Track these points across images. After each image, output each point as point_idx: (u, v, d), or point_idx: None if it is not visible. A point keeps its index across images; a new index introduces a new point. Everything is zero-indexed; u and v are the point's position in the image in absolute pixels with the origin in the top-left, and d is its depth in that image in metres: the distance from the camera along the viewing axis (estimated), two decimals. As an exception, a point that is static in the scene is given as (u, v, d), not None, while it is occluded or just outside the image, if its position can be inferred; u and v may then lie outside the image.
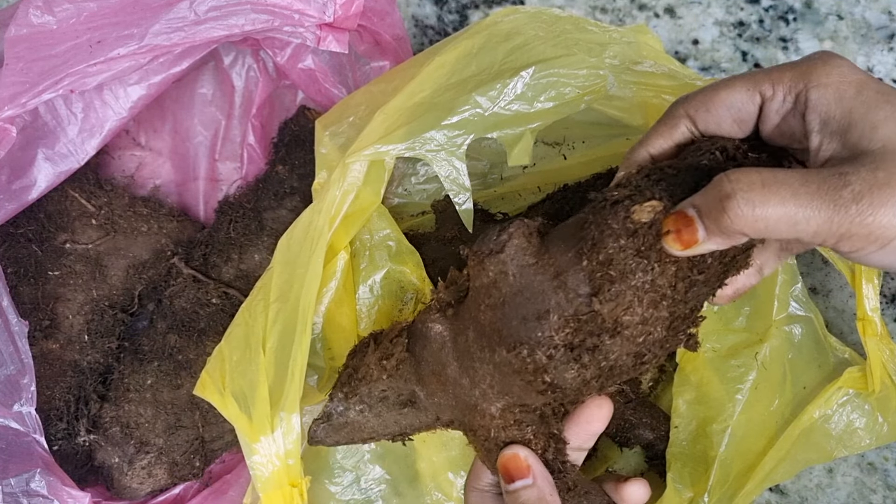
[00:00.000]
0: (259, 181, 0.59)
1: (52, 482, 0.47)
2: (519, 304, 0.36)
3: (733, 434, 0.51)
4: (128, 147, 0.62)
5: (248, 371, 0.41)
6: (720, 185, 0.31)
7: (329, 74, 0.55)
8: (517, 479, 0.39)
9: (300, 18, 0.47)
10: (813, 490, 0.59)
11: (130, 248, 0.58)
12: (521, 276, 0.37)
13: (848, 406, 0.50)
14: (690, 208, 0.33)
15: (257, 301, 0.44)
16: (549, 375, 0.36)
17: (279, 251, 0.44)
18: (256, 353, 0.42)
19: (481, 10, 0.61)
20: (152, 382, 0.54)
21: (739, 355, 0.53)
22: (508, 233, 0.37)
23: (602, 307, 0.34)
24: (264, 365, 0.41)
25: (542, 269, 0.36)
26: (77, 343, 0.56)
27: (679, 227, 0.33)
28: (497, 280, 0.37)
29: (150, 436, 0.54)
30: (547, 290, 0.36)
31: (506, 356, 0.37)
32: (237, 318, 0.44)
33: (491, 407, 0.39)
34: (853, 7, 0.57)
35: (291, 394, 0.40)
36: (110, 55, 0.45)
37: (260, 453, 0.40)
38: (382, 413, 0.42)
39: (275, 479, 0.39)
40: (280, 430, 0.40)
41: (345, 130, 0.47)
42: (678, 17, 0.59)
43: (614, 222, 0.34)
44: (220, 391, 0.41)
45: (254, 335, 0.42)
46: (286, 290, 0.43)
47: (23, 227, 0.55)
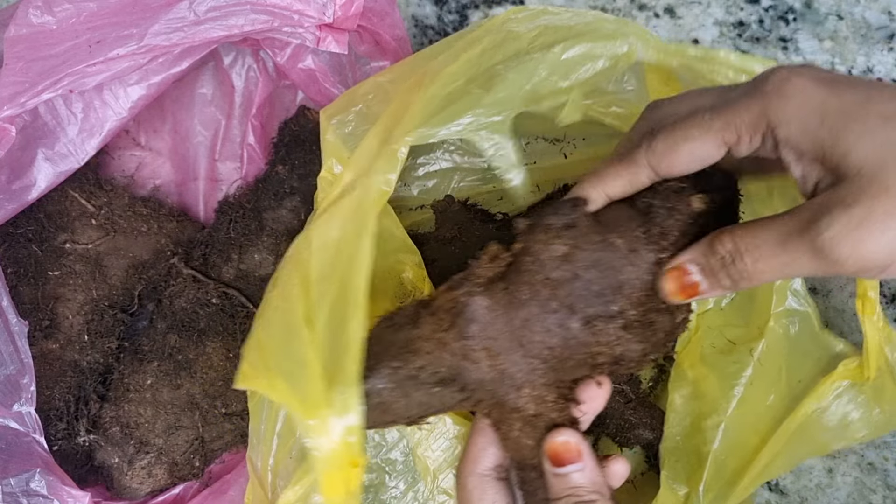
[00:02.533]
0: (259, 181, 0.59)
1: (52, 482, 0.47)
2: (593, 278, 0.37)
3: (727, 429, 0.51)
4: (128, 147, 0.62)
5: (295, 351, 0.39)
6: (715, 248, 0.35)
7: (329, 74, 0.55)
8: (568, 463, 0.39)
9: (300, 19, 0.47)
10: (813, 490, 0.59)
11: (130, 248, 0.58)
12: (592, 251, 0.38)
13: (843, 398, 0.50)
14: (692, 265, 0.36)
15: (291, 286, 0.42)
16: (620, 348, 0.38)
17: (315, 238, 0.43)
18: (301, 333, 0.39)
19: (481, 10, 0.61)
20: (152, 382, 0.54)
21: (736, 351, 0.53)
22: (580, 208, 0.39)
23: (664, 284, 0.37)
24: (314, 342, 0.39)
25: (609, 246, 0.38)
26: (77, 343, 0.56)
27: (682, 283, 0.36)
28: (570, 253, 0.38)
29: (149, 436, 0.54)
30: (621, 266, 0.37)
31: (578, 329, 0.37)
32: (270, 304, 0.43)
33: (539, 381, 0.39)
34: (853, 7, 0.57)
35: (350, 368, 0.37)
36: (110, 55, 0.45)
37: (317, 432, 0.36)
38: (411, 392, 0.39)
39: (335, 459, 0.36)
40: (338, 406, 0.37)
41: (352, 119, 0.47)
42: (678, 17, 0.59)
43: (680, 206, 0.37)
44: (266, 375, 0.39)
45: (294, 316, 0.40)
46: (329, 272, 0.41)
47: (23, 227, 0.55)
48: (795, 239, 0.32)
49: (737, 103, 0.34)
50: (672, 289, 0.36)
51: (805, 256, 0.32)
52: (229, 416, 0.56)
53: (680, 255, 0.37)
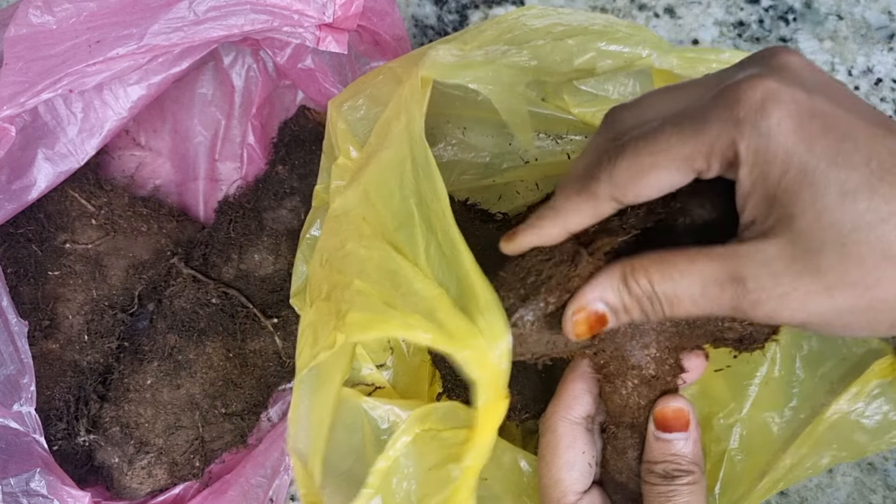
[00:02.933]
0: (259, 181, 0.59)
1: (51, 482, 0.47)
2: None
3: (743, 430, 0.51)
4: (128, 147, 0.62)
5: (417, 290, 0.36)
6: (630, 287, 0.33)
7: (329, 74, 0.55)
8: (677, 430, 0.39)
9: (300, 19, 0.47)
10: (813, 490, 0.59)
11: (130, 248, 0.58)
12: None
13: (881, 398, 0.48)
14: (600, 304, 0.34)
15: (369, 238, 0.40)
16: (752, 327, 0.38)
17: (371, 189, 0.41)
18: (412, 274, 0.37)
19: (481, 10, 0.61)
20: (152, 382, 0.54)
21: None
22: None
23: None
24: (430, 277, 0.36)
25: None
26: (77, 343, 0.56)
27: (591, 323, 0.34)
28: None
29: (149, 436, 0.54)
30: None
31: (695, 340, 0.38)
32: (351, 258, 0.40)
33: (665, 343, 0.39)
34: (853, 7, 0.57)
35: (483, 296, 0.35)
36: (109, 55, 0.45)
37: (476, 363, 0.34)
38: (544, 330, 0.38)
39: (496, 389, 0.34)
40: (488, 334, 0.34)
41: (362, 104, 0.47)
42: (678, 17, 0.59)
43: None
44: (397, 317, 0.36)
45: (394, 260, 0.38)
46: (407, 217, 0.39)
47: (23, 227, 0.55)
48: (717, 289, 0.31)
49: (707, 127, 0.31)
50: (581, 331, 0.34)
51: (725, 308, 0.31)
52: (229, 416, 0.56)
53: (587, 292, 0.34)
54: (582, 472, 0.40)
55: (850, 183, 0.28)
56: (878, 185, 0.28)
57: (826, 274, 0.29)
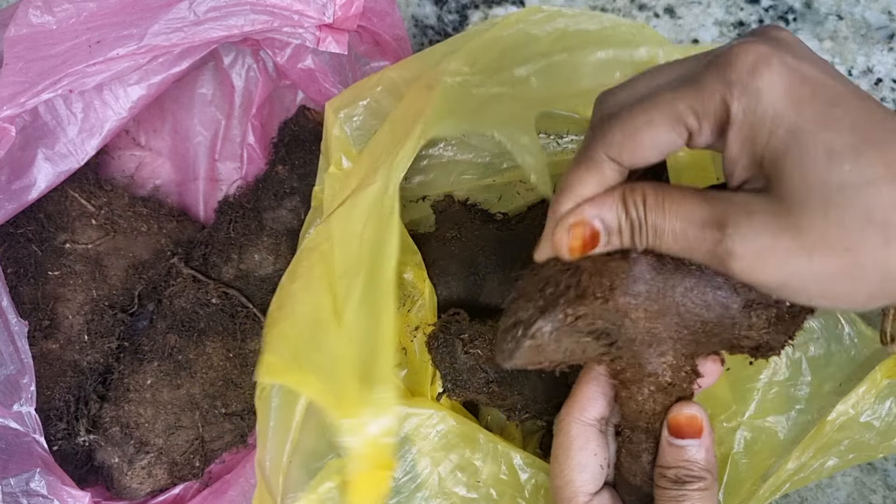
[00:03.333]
0: (259, 181, 0.59)
1: (51, 482, 0.47)
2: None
3: (747, 432, 0.50)
4: (128, 147, 0.62)
5: (325, 345, 0.38)
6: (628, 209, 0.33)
7: (329, 74, 0.55)
8: (689, 437, 0.39)
9: (300, 19, 0.47)
10: (813, 490, 0.59)
11: (130, 248, 0.58)
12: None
13: (889, 399, 0.48)
14: (597, 220, 0.34)
15: (314, 278, 0.41)
16: (767, 336, 0.38)
17: (337, 230, 0.41)
18: (330, 327, 0.38)
19: (481, 10, 0.61)
20: (152, 382, 0.54)
21: None
22: None
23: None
24: (345, 337, 0.37)
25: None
26: (77, 343, 0.56)
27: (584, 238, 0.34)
28: None
29: (150, 436, 0.54)
30: None
31: (737, 310, 0.37)
32: (293, 298, 0.41)
33: (682, 350, 0.39)
34: (853, 7, 0.57)
35: (384, 366, 0.36)
36: (109, 55, 0.45)
37: (352, 432, 0.35)
38: (563, 338, 0.38)
39: (369, 460, 0.35)
40: (374, 405, 0.35)
41: (360, 114, 0.47)
42: (678, 17, 0.59)
43: None
44: (295, 369, 0.37)
45: (322, 310, 0.39)
46: (355, 266, 0.40)
47: (23, 227, 0.55)
48: (698, 231, 0.31)
49: (701, 84, 0.31)
50: (575, 245, 0.34)
51: (702, 252, 0.32)
52: (229, 416, 0.56)
53: (586, 207, 0.34)
54: (594, 473, 0.40)
55: (837, 145, 0.29)
56: (863, 149, 0.29)
57: (807, 233, 0.29)
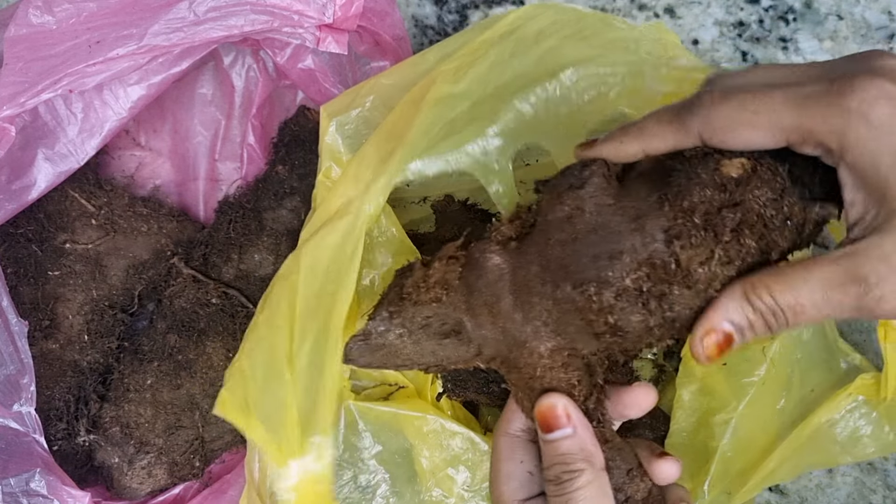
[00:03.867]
0: (259, 181, 0.59)
1: (51, 482, 0.47)
2: (592, 242, 0.36)
3: (737, 427, 0.50)
4: (128, 147, 0.63)
5: (275, 391, 0.39)
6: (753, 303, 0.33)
7: (329, 74, 0.55)
8: (555, 428, 0.37)
9: (300, 19, 0.47)
10: (813, 490, 0.59)
11: (130, 248, 0.58)
12: (597, 214, 0.37)
13: (856, 412, 0.49)
14: (727, 324, 0.33)
15: (280, 314, 0.41)
16: (613, 317, 0.36)
17: (304, 263, 0.42)
18: (282, 373, 0.39)
19: (481, 10, 0.61)
20: (152, 382, 0.54)
21: (748, 349, 0.52)
22: (590, 169, 0.37)
23: (681, 254, 0.34)
24: (294, 385, 0.39)
25: (619, 210, 0.36)
26: (77, 343, 0.56)
27: (720, 345, 0.34)
28: (572, 215, 0.37)
29: (150, 436, 0.54)
30: (623, 232, 0.36)
31: (570, 292, 0.36)
32: (257, 331, 0.42)
33: (541, 346, 0.38)
34: (853, 7, 0.57)
35: (324, 417, 0.38)
36: (109, 55, 0.45)
37: (288, 478, 0.37)
38: (422, 341, 0.39)
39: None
40: (311, 454, 0.37)
41: (352, 122, 0.47)
42: (678, 17, 0.59)
43: (703, 172, 0.35)
44: (245, 411, 0.39)
45: (278, 352, 0.40)
46: (314, 307, 0.41)
47: (23, 227, 0.55)
48: (839, 292, 0.31)
49: (813, 106, 0.31)
50: (712, 353, 0.34)
51: (848, 309, 0.31)
52: (229, 416, 0.56)
53: (712, 315, 0.34)
54: (522, 481, 0.40)
55: None
56: None
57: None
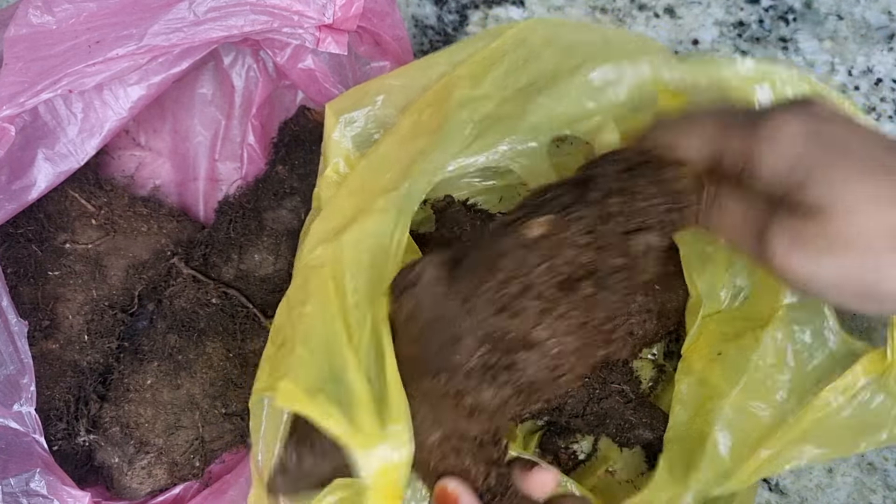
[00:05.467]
0: (259, 181, 0.59)
1: (51, 482, 0.47)
2: (435, 332, 0.38)
3: (730, 412, 0.50)
4: (128, 147, 0.63)
5: (342, 376, 0.39)
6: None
7: (329, 74, 0.55)
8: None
9: (299, 20, 0.47)
10: (813, 490, 0.59)
11: (130, 248, 0.58)
12: (434, 307, 0.38)
13: (866, 393, 0.48)
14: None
15: (329, 304, 0.41)
16: (469, 398, 0.37)
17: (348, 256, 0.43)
18: (347, 358, 0.39)
19: (481, 10, 0.61)
20: (152, 382, 0.54)
21: (743, 336, 0.52)
22: (420, 266, 0.39)
23: (511, 324, 0.36)
24: (359, 373, 0.39)
25: (452, 296, 0.38)
26: (77, 343, 0.56)
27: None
28: (414, 313, 0.39)
29: (150, 436, 0.54)
30: (458, 316, 0.37)
31: (430, 384, 0.38)
32: (305, 317, 0.42)
33: (428, 439, 0.39)
34: (853, 7, 0.57)
35: (397, 405, 0.38)
36: (109, 55, 0.45)
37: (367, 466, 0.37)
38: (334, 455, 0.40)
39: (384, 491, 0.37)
40: (390, 441, 0.37)
41: (360, 121, 0.47)
42: (678, 17, 0.59)
43: (507, 243, 0.36)
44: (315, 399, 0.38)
45: (338, 338, 0.40)
46: (364, 298, 0.41)
47: (23, 227, 0.55)
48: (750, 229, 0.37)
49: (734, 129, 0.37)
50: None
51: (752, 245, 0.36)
52: (229, 416, 0.56)
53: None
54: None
55: (846, 173, 0.34)
56: (867, 176, 0.34)
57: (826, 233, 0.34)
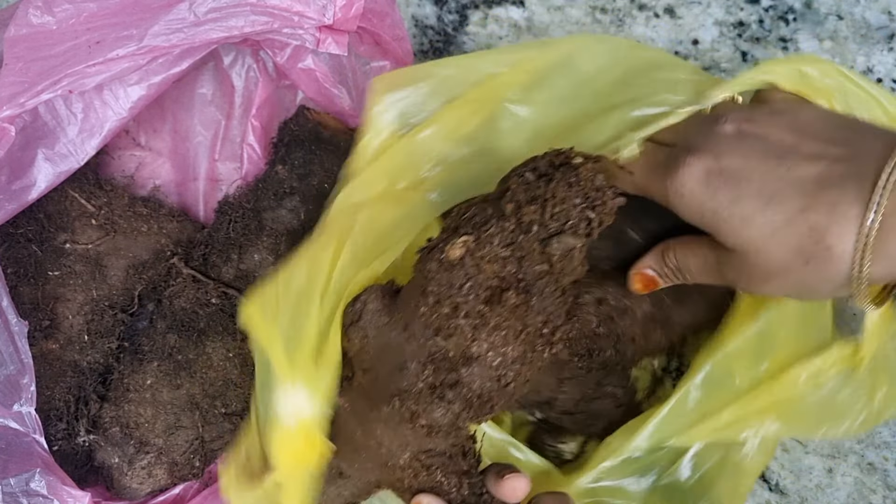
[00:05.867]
0: (259, 181, 0.59)
1: (51, 482, 0.47)
2: (383, 361, 0.40)
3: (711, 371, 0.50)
4: (128, 147, 0.63)
5: (303, 318, 0.41)
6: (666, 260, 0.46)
7: (329, 74, 0.55)
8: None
9: (300, 20, 0.47)
10: (813, 490, 0.59)
11: (130, 248, 0.58)
12: (379, 336, 0.40)
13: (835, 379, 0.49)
14: (649, 270, 0.47)
15: (326, 250, 0.44)
16: (422, 419, 0.39)
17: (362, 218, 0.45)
18: (312, 305, 0.42)
19: (481, 10, 0.61)
20: (152, 382, 0.54)
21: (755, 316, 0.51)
22: (362, 301, 0.41)
23: (448, 344, 0.38)
24: (319, 321, 0.41)
25: (394, 325, 0.40)
26: (77, 343, 0.56)
27: (645, 281, 0.47)
28: (363, 345, 0.41)
29: (149, 436, 0.54)
30: (401, 343, 0.39)
31: (387, 412, 0.40)
32: (308, 251, 0.44)
33: (399, 460, 0.41)
34: (853, 7, 0.57)
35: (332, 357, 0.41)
36: (109, 56, 0.45)
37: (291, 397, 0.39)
38: (324, 489, 0.43)
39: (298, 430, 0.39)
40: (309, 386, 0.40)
41: (402, 101, 0.49)
42: (678, 17, 0.59)
43: (432, 266, 0.38)
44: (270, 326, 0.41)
45: (315, 285, 0.43)
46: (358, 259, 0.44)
47: (23, 227, 0.55)
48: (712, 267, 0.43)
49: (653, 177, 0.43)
50: (639, 286, 0.48)
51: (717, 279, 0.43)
52: (229, 416, 0.56)
53: (641, 261, 0.47)
54: None
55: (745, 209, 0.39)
56: (763, 207, 0.38)
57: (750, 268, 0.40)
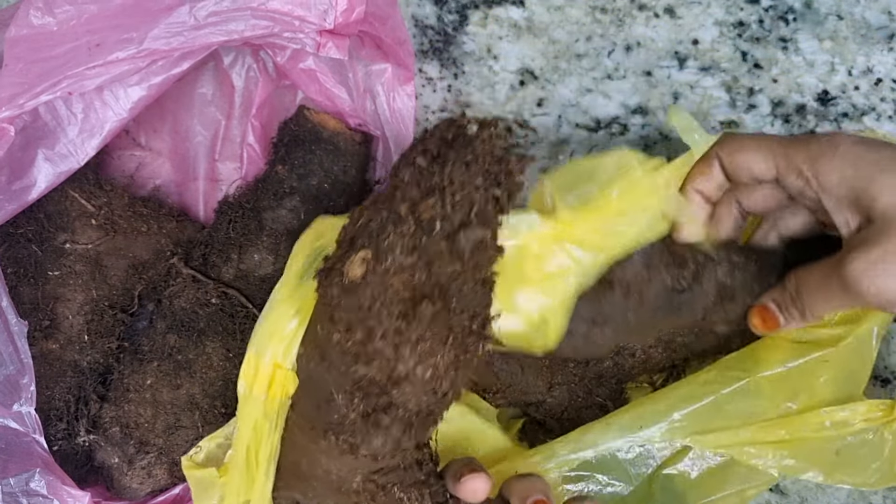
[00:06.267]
0: (259, 181, 0.59)
1: (51, 482, 0.48)
2: (308, 395, 0.39)
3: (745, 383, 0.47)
4: (128, 147, 0.63)
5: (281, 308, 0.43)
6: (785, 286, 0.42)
7: (329, 75, 0.55)
8: None
9: (300, 25, 0.47)
10: (813, 490, 0.59)
11: (130, 248, 0.58)
12: (300, 370, 0.39)
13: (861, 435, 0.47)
14: (770, 302, 0.43)
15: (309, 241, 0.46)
16: (363, 449, 0.36)
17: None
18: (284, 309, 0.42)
19: (481, 10, 0.61)
20: (152, 382, 0.54)
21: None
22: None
23: (369, 369, 0.34)
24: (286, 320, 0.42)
25: (311, 357, 0.38)
26: (77, 343, 0.56)
27: (764, 318, 0.43)
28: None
29: (149, 436, 0.54)
30: (322, 373, 0.36)
31: (324, 445, 0.38)
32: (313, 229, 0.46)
33: (352, 485, 0.40)
34: (853, 7, 0.57)
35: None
36: (109, 58, 0.45)
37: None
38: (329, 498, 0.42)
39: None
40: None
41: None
42: (678, 17, 0.59)
43: (334, 292, 0.34)
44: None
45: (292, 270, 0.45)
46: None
47: (23, 227, 0.55)
48: (832, 276, 0.38)
49: (797, 144, 0.40)
50: (758, 323, 0.44)
51: (839, 291, 0.37)
52: (229, 416, 0.56)
53: (764, 296, 0.43)
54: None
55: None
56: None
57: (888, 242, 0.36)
